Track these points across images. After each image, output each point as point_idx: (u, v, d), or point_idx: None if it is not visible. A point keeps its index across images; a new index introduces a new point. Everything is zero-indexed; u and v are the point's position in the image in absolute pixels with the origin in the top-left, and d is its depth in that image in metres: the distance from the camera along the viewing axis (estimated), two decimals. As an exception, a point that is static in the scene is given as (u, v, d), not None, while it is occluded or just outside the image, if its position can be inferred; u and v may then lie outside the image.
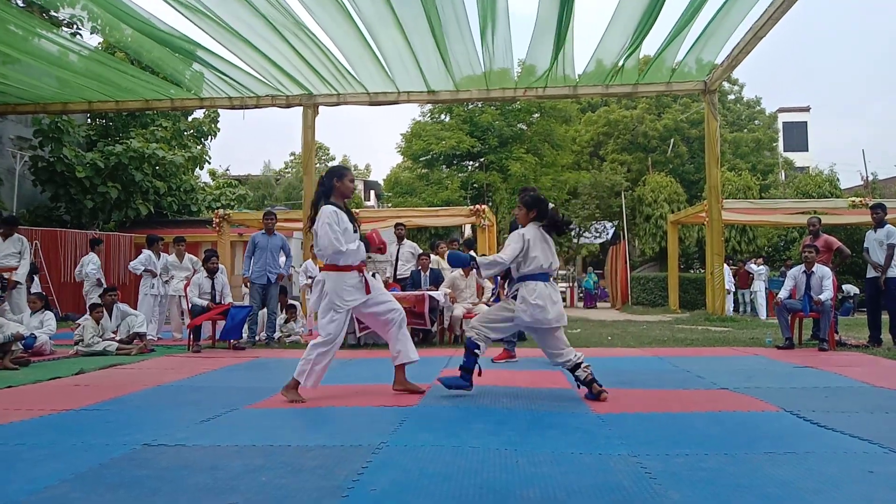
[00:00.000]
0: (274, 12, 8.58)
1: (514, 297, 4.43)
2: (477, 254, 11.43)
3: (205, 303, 8.01)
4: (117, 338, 7.81)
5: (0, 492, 2.47)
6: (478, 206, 14.15)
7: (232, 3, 8.33)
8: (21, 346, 6.63)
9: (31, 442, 3.30)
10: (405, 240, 9.77)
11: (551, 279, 4.48)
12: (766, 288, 15.36)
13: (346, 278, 4.39)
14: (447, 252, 4.92)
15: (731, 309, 14.96)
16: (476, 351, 4.41)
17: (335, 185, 4.46)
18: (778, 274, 15.76)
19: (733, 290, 15.13)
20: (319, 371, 4.40)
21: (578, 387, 4.45)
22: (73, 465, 2.84)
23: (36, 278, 10.10)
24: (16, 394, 4.88)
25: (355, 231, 4.48)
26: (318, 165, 34.21)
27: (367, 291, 4.44)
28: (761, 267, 15.47)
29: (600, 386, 4.36)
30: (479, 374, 4.46)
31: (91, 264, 9.86)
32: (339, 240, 4.29)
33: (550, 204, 4.57)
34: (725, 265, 15.06)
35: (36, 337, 7.17)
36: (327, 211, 4.35)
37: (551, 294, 4.38)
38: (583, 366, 4.36)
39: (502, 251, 4.39)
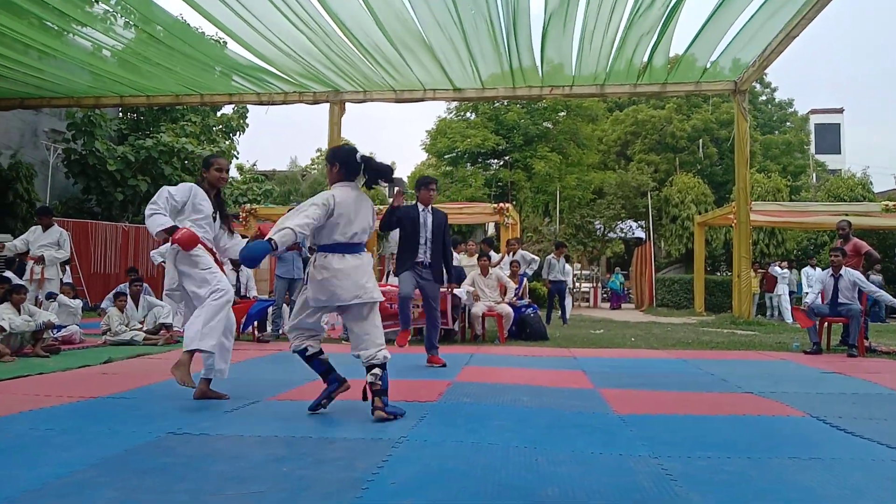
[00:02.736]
0: (295, 16, 8.69)
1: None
2: (496, 252, 11.39)
3: (230, 296, 8.11)
4: (144, 328, 7.94)
5: (30, 475, 2.54)
6: (502, 204, 14.06)
7: (258, 7, 8.46)
8: (52, 334, 6.77)
9: (61, 427, 3.38)
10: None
11: (365, 250, 3.73)
12: (790, 291, 15.06)
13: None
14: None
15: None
16: (307, 355, 3.75)
17: (204, 175, 4.44)
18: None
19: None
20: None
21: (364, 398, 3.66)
22: (100, 450, 2.91)
23: (68, 269, 10.31)
24: (46, 380, 5.00)
25: (215, 220, 4.40)
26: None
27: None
28: (785, 270, 15.21)
29: (384, 405, 3.55)
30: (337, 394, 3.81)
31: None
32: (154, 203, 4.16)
33: (361, 153, 3.71)
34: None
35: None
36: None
37: (346, 268, 3.56)
38: (377, 372, 3.58)
39: (300, 215, 3.47)
